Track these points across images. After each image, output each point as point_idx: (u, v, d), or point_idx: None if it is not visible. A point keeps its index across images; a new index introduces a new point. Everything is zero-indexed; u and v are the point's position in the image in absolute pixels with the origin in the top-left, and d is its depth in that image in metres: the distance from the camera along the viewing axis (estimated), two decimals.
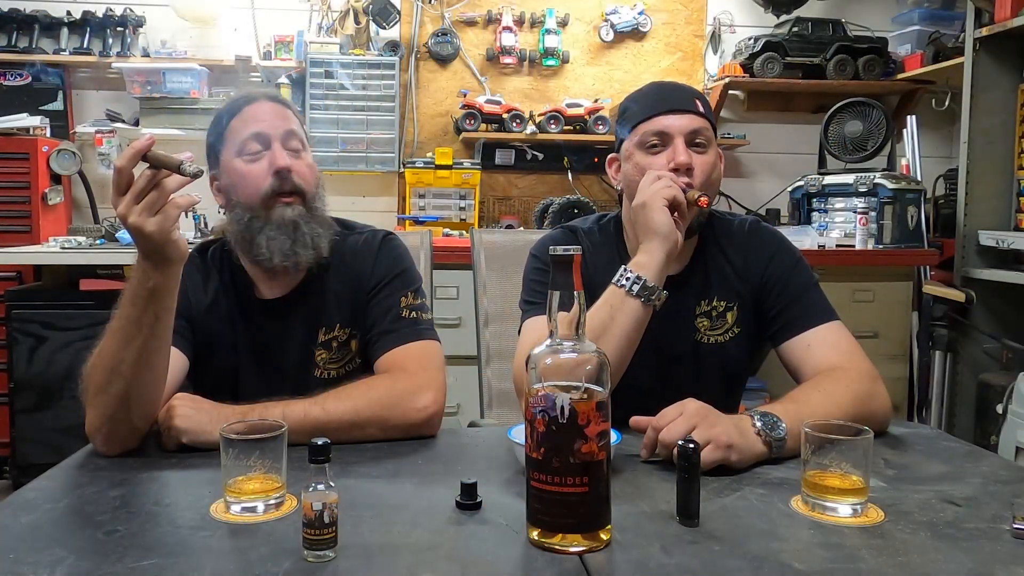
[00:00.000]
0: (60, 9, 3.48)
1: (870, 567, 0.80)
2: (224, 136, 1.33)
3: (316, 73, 3.43)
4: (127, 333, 1.09)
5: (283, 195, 1.30)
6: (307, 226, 1.31)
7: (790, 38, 3.57)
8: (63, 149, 3.25)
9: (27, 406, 2.90)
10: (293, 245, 1.29)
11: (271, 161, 1.29)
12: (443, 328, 1.40)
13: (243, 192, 1.30)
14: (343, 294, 1.37)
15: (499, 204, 3.76)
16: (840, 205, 3.32)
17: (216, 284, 1.37)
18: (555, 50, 3.68)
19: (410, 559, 0.82)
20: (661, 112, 1.33)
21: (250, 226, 1.30)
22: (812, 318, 1.33)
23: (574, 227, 1.49)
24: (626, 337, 1.22)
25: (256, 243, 1.29)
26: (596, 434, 0.82)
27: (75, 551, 0.83)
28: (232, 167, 1.31)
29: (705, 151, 1.34)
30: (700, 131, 1.33)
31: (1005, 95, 3.07)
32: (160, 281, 1.08)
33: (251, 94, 1.35)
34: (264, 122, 1.31)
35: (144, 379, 1.12)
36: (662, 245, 1.24)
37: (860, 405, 1.17)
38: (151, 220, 1.03)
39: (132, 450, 1.15)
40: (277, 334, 1.36)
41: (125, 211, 1.03)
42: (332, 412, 1.17)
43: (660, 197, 1.25)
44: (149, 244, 1.05)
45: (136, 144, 1.03)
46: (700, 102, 1.35)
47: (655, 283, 1.23)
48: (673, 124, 1.33)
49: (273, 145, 1.30)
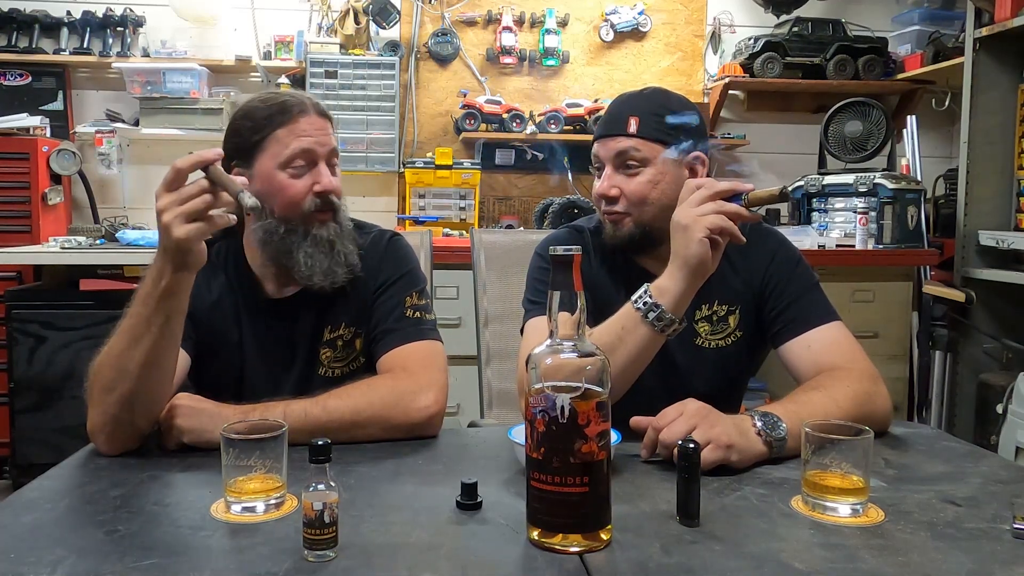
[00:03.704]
0: (60, 9, 3.48)
1: (870, 567, 0.80)
2: (266, 141, 1.29)
3: (316, 73, 3.43)
4: (136, 332, 1.10)
5: (322, 212, 1.31)
6: (340, 243, 1.32)
7: (790, 38, 3.57)
8: (63, 149, 3.25)
9: (27, 406, 2.90)
10: (331, 264, 1.30)
11: (316, 180, 1.29)
12: (443, 328, 1.41)
13: (281, 204, 1.29)
14: (350, 293, 1.37)
15: (499, 204, 3.76)
16: (840, 205, 3.32)
17: (222, 282, 1.37)
18: (555, 50, 3.68)
19: (410, 559, 0.82)
20: (597, 137, 1.37)
21: (286, 240, 1.30)
22: (813, 318, 1.32)
23: (580, 226, 1.48)
24: (633, 361, 1.19)
25: (295, 259, 1.29)
26: (596, 434, 0.82)
27: (75, 551, 0.83)
28: (272, 177, 1.29)
29: (638, 171, 1.32)
30: (627, 152, 1.32)
31: (1005, 95, 3.07)
32: (173, 283, 1.08)
33: (301, 102, 1.31)
34: (312, 139, 1.29)
35: (151, 380, 1.12)
36: (691, 277, 1.16)
37: (860, 405, 1.17)
38: (184, 227, 1.03)
39: (133, 450, 1.15)
40: (284, 333, 1.37)
41: (164, 207, 1.04)
42: (333, 412, 1.17)
43: (704, 227, 1.14)
44: (172, 245, 1.05)
45: (204, 154, 1.04)
46: (637, 119, 1.32)
47: (673, 314, 1.17)
48: (602, 151, 1.35)
49: (320, 165, 1.30)
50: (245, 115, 1.32)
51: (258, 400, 1.19)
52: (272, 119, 1.29)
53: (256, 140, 1.29)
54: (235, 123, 1.32)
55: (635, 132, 1.32)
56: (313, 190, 1.29)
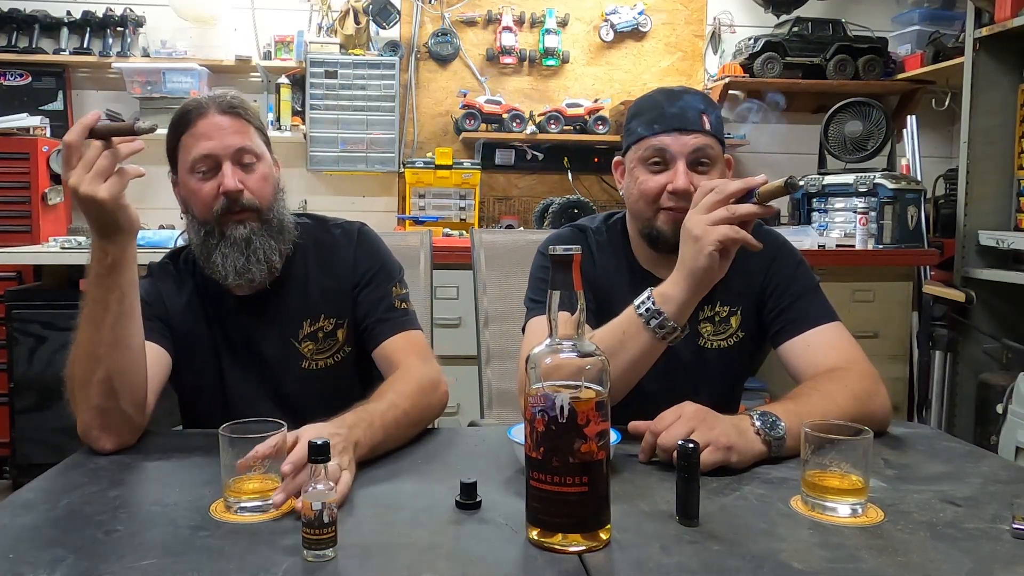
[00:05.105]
0: (60, 9, 3.48)
1: (870, 567, 0.80)
2: (177, 149, 1.32)
3: (316, 73, 3.43)
4: (97, 315, 1.12)
5: (235, 213, 1.30)
6: (260, 240, 1.31)
7: (790, 38, 3.57)
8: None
9: (27, 406, 2.90)
10: (246, 263, 1.30)
11: (220, 182, 1.29)
12: (443, 328, 1.42)
13: (196, 208, 1.31)
14: (326, 285, 1.40)
15: (499, 204, 3.76)
16: (840, 205, 3.32)
17: (190, 287, 1.39)
18: (555, 50, 3.68)
19: (410, 559, 0.82)
20: (665, 131, 1.30)
21: (206, 242, 1.31)
22: (812, 319, 1.32)
23: (583, 226, 1.47)
24: (634, 366, 1.19)
25: (212, 261, 1.31)
26: (596, 434, 0.82)
27: (75, 551, 0.83)
28: (187, 182, 1.31)
29: (708, 170, 1.30)
30: (703, 150, 1.29)
31: (1005, 95, 3.06)
32: (117, 253, 1.10)
33: (200, 104, 1.31)
34: (213, 141, 1.28)
35: (123, 359, 1.13)
36: (696, 286, 1.15)
37: (859, 405, 1.17)
38: (103, 187, 1.05)
39: (131, 450, 1.15)
40: (255, 329, 1.38)
41: (77, 181, 1.05)
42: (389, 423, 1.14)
43: (714, 239, 1.11)
44: (102, 213, 1.07)
45: (84, 119, 1.06)
46: (708, 117, 1.30)
47: (675, 321, 1.15)
48: (675, 145, 1.29)
49: (224, 166, 1.28)
50: (168, 125, 1.34)
51: (242, 398, 1.25)
52: (177, 126, 1.31)
53: (171, 148, 1.33)
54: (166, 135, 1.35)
55: (709, 129, 1.30)
56: (220, 192, 1.29)
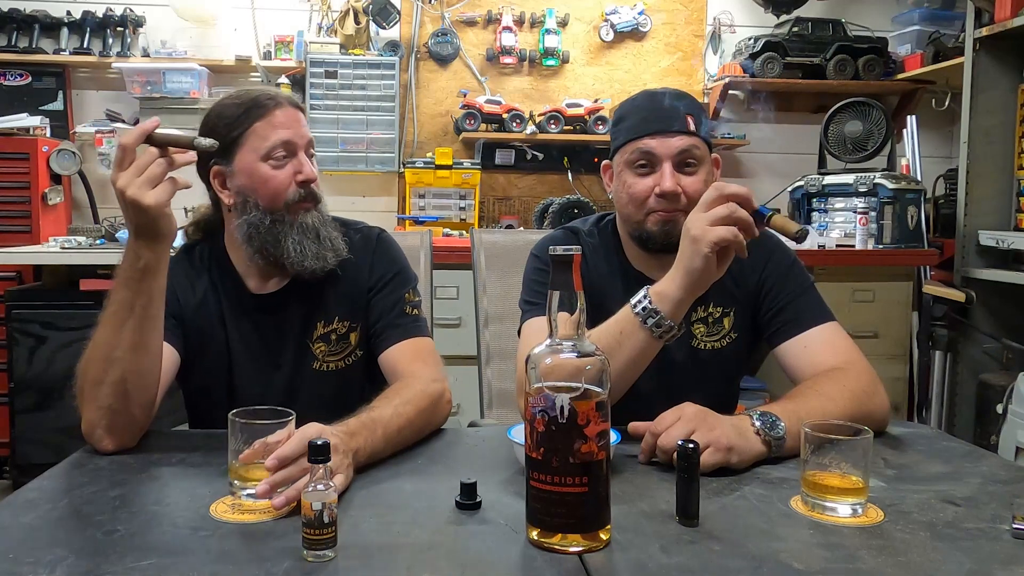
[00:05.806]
0: (60, 9, 3.48)
1: (869, 567, 0.80)
2: (244, 136, 1.31)
3: (316, 73, 3.43)
4: (121, 317, 1.12)
5: (304, 201, 1.33)
6: (325, 229, 1.34)
7: (790, 38, 3.57)
8: (63, 149, 3.25)
9: (27, 406, 2.89)
10: (320, 249, 1.32)
11: (297, 170, 1.31)
12: (443, 328, 1.42)
13: (264, 195, 1.31)
14: (342, 288, 1.39)
15: (499, 204, 3.76)
16: (840, 205, 3.32)
17: (205, 282, 1.39)
18: (555, 50, 3.68)
19: (410, 559, 0.82)
20: (649, 133, 1.31)
21: (273, 230, 1.31)
22: (809, 319, 1.33)
23: (575, 228, 1.48)
24: (631, 364, 1.19)
25: (283, 247, 1.31)
26: (595, 434, 0.82)
27: (75, 551, 0.83)
28: (254, 169, 1.30)
29: (695, 170, 1.31)
30: (689, 151, 1.30)
31: (1005, 95, 3.06)
32: (152, 259, 1.11)
33: (276, 96, 1.33)
34: (291, 130, 1.31)
35: (141, 363, 1.13)
36: (692, 286, 1.15)
37: (858, 404, 1.17)
38: (150, 193, 1.07)
39: (132, 450, 1.15)
40: (271, 329, 1.38)
41: (125, 184, 1.06)
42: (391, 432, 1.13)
43: (711, 241, 1.11)
44: (143, 218, 1.08)
45: (143, 125, 1.09)
46: (693, 117, 1.31)
47: (671, 320, 1.15)
48: (660, 147, 1.30)
49: (300, 155, 1.32)
50: (219, 115, 1.33)
51: (249, 397, 1.21)
52: (248, 114, 1.31)
53: (234, 136, 1.31)
54: (209, 123, 1.34)
55: (695, 130, 1.31)
56: (296, 180, 1.31)
